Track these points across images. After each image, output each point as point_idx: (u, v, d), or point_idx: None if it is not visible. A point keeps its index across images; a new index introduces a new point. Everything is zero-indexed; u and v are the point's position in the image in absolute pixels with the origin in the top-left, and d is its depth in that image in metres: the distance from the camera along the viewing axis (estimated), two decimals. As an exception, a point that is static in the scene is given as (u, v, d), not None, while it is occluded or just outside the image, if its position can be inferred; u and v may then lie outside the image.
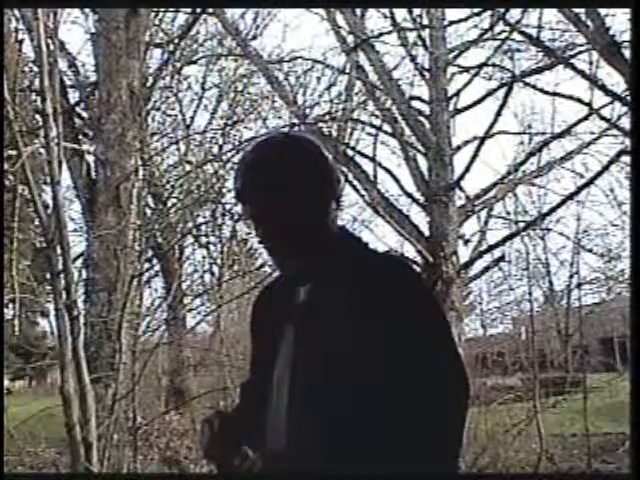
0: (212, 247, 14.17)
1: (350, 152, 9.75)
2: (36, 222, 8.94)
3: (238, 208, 11.72)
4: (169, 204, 10.83)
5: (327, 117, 10.03)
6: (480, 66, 9.97)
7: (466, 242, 9.96)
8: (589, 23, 6.68)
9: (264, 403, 1.65)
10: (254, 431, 1.65)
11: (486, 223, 11.49)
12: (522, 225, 10.58)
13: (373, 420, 1.51)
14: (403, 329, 1.54)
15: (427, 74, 9.74)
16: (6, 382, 15.09)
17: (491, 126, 9.77)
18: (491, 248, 9.95)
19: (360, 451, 1.50)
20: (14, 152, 4.28)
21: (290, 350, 1.62)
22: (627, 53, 6.24)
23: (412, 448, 1.48)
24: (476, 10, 9.23)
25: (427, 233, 9.36)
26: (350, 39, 9.77)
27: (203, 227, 12.92)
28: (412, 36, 9.91)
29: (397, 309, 1.55)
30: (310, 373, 1.56)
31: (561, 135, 10.00)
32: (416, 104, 9.75)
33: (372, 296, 1.55)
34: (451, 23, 9.75)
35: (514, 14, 8.84)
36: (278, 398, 1.62)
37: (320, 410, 1.54)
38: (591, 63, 8.14)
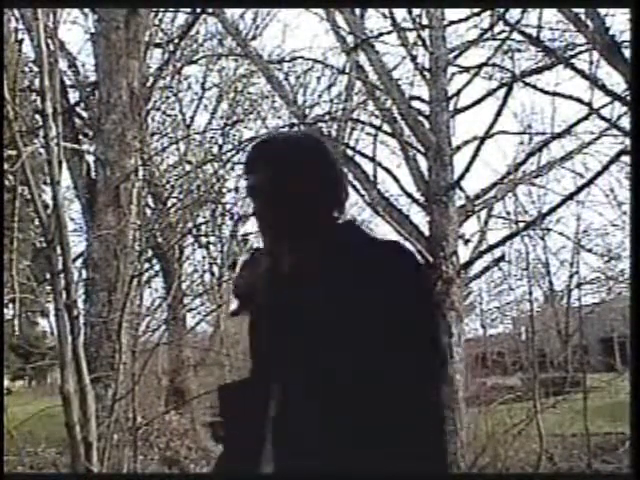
0: (212, 247, 14.18)
1: (350, 152, 9.75)
2: (36, 222, 8.94)
3: (238, 208, 11.74)
4: (169, 204, 10.83)
5: (327, 117, 10.04)
6: (480, 66, 9.97)
7: (466, 242, 9.96)
8: (589, 23, 6.68)
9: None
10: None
11: (486, 223, 11.50)
12: (522, 225, 10.58)
13: (346, 413, 1.51)
14: (389, 316, 1.53)
15: (427, 74, 9.73)
16: (6, 382, 15.08)
17: (491, 126, 9.76)
18: (491, 248, 9.95)
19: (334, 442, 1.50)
20: (14, 152, 4.28)
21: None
22: (627, 53, 6.24)
23: (387, 440, 1.48)
24: (476, 10, 9.23)
25: (427, 233, 9.36)
26: (350, 39, 9.77)
27: (203, 227, 12.94)
28: (412, 36, 9.91)
29: (386, 294, 1.54)
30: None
31: (561, 135, 10.00)
32: (416, 104, 9.75)
33: (362, 280, 1.55)
34: (451, 23, 9.75)
35: (514, 14, 8.83)
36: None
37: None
38: (591, 63, 8.12)
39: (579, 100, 8.82)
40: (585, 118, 9.14)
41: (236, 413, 1.64)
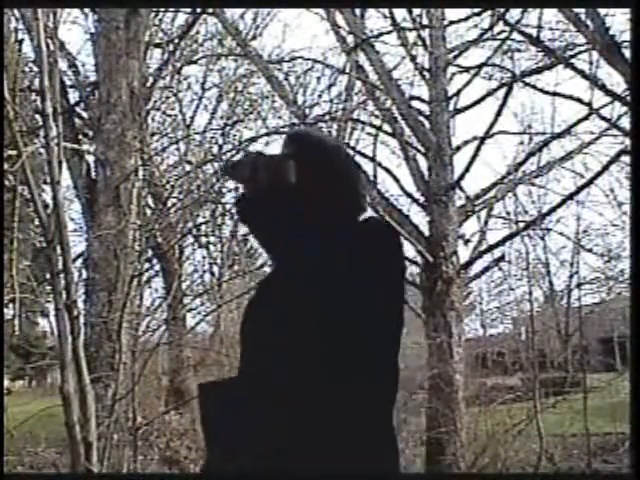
0: (212, 247, 14.17)
1: (350, 152, 9.74)
2: (36, 222, 8.93)
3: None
4: (169, 204, 10.82)
5: (327, 117, 10.04)
6: (480, 66, 9.97)
7: (466, 242, 9.98)
8: (589, 23, 6.68)
9: None
10: None
11: (486, 223, 11.50)
12: (522, 225, 10.57)
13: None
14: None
15: (427, 74, 9.74)
16: (6, 382, 15.08)
17: (491, 126, 9.77)
18: (491, 248, 9.95)
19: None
20: (14, 152, 4.27)
21: None
22: (627, 53, 6.24)
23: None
24: (476, 10, 9.24)
25: (427, 233, 9.36)
26: (350, 39, 9.78)
27: (203, 227, 12.92)
28: (412, 36, 9.93)
29: (364, 273, 1.55)
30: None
31: (561, 135, 10.00)
32: (416, 104, 9.76)
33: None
34: (451, 23, 9.76)
35: (514, 14, 8.85)
36: None
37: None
38: (591, 63, 8.14)
39: (579, 100, 8.82)
40: (585, 118, 9.15)
41: (218, 413, 1.63)
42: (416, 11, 9.73)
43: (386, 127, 9.82)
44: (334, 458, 1.49)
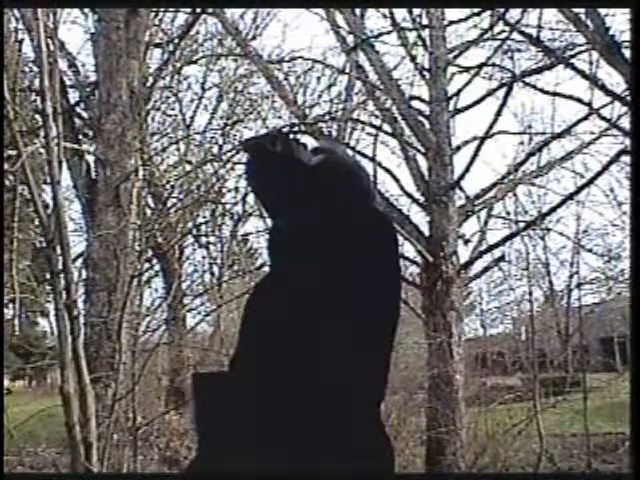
0: (212, 247, 14.18)
1: (350, 152, 9.75)
2: (36, 222, 8.93)
3: (238, 208, 11.77)
4: (169, 204, 10.82)
5: (327, 117, 10.04)
6: (480, 66, 9.97)
7: (466, 242, 9.97)
8: (589, 23, 6.68)
9: None
10: None
11: (486, 223, 11.50)
12: (522, 225, 10.57)
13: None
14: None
15: (427, 74, 9.74)
16: (6, 382, 15.08)
17: (491, 126, 9.77)
18: (491, 248, 9.95)
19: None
20: (14, 152, 4.27)
21: None
22: (627, 53, 6.24)
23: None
24: (476, 10, 9.24)
25: (427, 233, 9.36)
26: (350, 39, 9.78)
27: (203, 227, 12.93)
28: (412, 36, 9.93)
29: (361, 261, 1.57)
30: None
31: (561, 135, 10.00)
32: (416, 104, 9.76)
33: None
34: (451, 23, 9.76)
35: (514, 14, 8.85)
36: None
37: None
38: (591, 63, 8.15)
39: (579, 100, 8.83)
40: (585, 118, 9.15)
41: (211, 405, 1.61)
42: (416, 11, 9.74)
43: (386, 127, 9.81)
44: (330, 457, 1.49)
